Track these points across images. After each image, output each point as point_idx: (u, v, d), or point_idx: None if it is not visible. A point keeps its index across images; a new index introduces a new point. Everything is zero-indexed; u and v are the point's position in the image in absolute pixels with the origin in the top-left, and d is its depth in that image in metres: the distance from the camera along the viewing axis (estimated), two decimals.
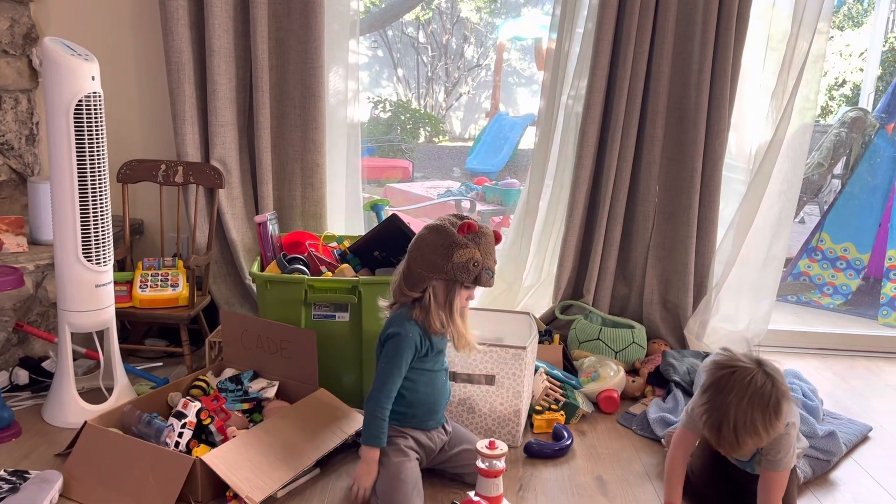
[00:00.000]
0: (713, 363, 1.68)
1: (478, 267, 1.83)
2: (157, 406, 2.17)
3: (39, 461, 2.03)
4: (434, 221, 1.89)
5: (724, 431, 1.60)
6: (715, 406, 1.62)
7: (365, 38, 8.55)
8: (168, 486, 1.79)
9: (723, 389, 1.62)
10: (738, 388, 1.60)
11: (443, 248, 1.82)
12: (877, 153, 3.84)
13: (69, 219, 2.14)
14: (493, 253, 1.88)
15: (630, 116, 2.81)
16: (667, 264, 2.96)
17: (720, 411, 1.60)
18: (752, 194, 2.86)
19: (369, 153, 7.24)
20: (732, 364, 1.64)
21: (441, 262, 1.82)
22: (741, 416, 1.58)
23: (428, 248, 1.85)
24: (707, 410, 1.63)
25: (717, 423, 1.61)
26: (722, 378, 1.63)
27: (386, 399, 1.85)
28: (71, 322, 2.23)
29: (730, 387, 1.61)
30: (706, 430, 1.65)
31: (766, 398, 1.58)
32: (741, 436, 1.59)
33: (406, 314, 1.89)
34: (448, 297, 1.87)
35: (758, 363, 1.64)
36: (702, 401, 1.66)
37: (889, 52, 4.72)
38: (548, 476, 2.10)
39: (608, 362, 2.62)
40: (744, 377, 1.61)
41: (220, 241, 2.88)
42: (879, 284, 3.76)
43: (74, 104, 2.07)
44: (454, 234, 1.82)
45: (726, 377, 1.63)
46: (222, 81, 2.74)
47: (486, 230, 1.88)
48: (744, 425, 1.58)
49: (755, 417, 1.58)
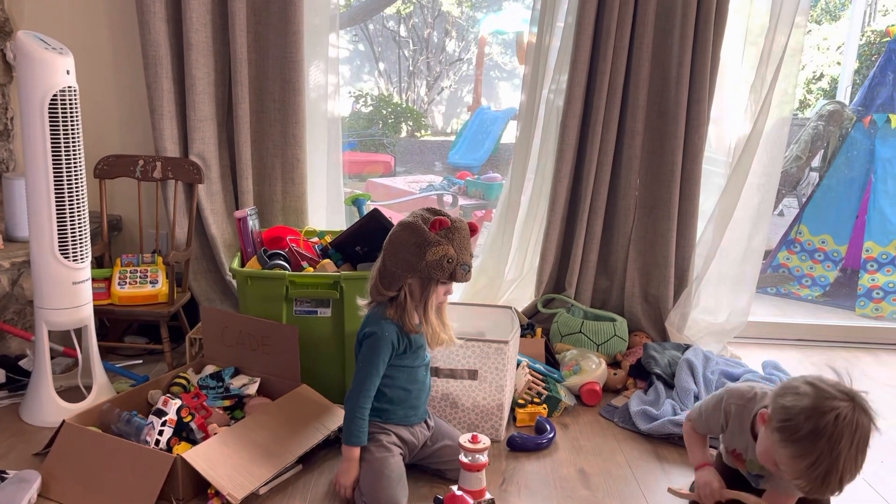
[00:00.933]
0: (812, 410, 1.46)
1: (452, 263, 1.82)
2: (137, 404, 2.15)
3: (17, 461, 2.00)
4: (406, 218, 1.87)
5: (831, 482, 1.44)
6: (823, 457, 1.43)
7: (345, 32, 8.50)
8: (148, 485, 1.77)
9: (830, 439, 1.43)
10: (847, 436, 1.43)
11: (416, 247, 1.80)
12: (854, 146, 3.88)
13: (45, 215, 2.11)
14: (469, 247, 1.87)
15: (610, 110, 2.82)
16: (648, 257, 2.97)
17: (830, 463, 1.43)
18: (731, 187, 2.88)
19: (350, 148, 7.20)
20: (832, 406, 1.45)
21: (415, 261, 1.81)
22: (849, 464, 1.44)
23: (401, 246, 1.83)
24: (813, 462, 1.44)
25: (825, 473, 1.44)
26: (828, 426, 1.43)
27: (365, 398, 1.85)
28: (48, 320, 2.20)
29: (838, 435, 1.43)
30: (802, 478, 1.47)
31: (865, 440, 1.45)
32: (845, 482, 1.45)
33: (382, 313, 1.88)
34: (424, 295, 1.86)
35: (849, 397, 1.47)
36: (804, 450, 1.45)
37: (866, 45, 4.77)
38: (531, 469, 2.11)
39: (590, 355, 2.63)
40: (849, 421, 1.44)
41: (199, 237, 2.85)
42: (856, 276, 3.81)
43: (49, 99, 2.04)
44: (426, 232, 1.80)
45: (832, 424, 1.43)
46: (200, 76, 2.71)
47: (460, 224, 1.86)
48: (850, 472, 1.45)
49: (859, 461, 1.45)
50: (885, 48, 3.86)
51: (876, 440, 1.38)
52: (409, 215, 1.88)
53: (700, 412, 1.79)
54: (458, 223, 1.85)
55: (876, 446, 2.31)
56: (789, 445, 1.48)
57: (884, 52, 3.86)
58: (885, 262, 3.70)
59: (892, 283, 3.66)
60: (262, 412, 2.07)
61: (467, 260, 1.85)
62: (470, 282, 3.04)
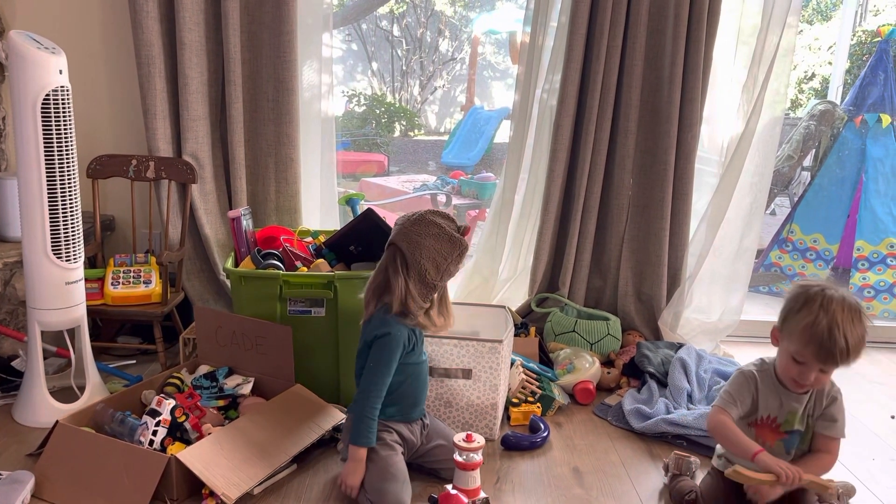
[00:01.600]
0: (800, 287, 1.71)
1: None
2: (131, 404, 2.14)
3: (10, 462, 1.99)
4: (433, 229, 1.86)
5: (837, 337, 1.61)
6: (821, 315, 1.63)
7: (339, 32, 8.50)
8: (142, 485, 1.77)
9: (822, 302, 1.64)
10: (836, 300, 1.64)
11: (458, 257, 1.88)
12: (845, 145, 3.90)
13: (38, 215, 2.11)
14: None
15: (604, 110, 2.83)
16: (641, 256, 2.98)
17: (829, 318, 1.62)
18: (724, 186, 2.90)
19: (344, 147, 7.20)
20: (820, 284, 1.69)
21: (453, 269, 1.90)
22: (847, 324, 1.62)
23: (441, 257, 1.86)
24: (813, 322, 1.63)
25: (828, 329, 1.62)
26: (817, 294, 1.66)
27: (376, 399, 1.85)
28: (41, 320, 2.19)
29: (828, 300, 1.64)
30: (811, 344, 1.65)
31: (859, 311, 1.65)
32: (850, 342, 1.62)
33: (386, 313, 1.88)
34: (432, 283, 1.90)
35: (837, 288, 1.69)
36: (803, 316, 1.66)
37: (857, 45, 4.79)
38: (525, 468, 2.11)
39: (584, 354, 2.64)
40: (835, 293, 1.66)
41: (193, 237, 2.85)
42: (848, 275, 3.83)
43: (42, 98, 2.03)
44: (463, 242, 1.88)
45: (820, 293, 1.66)
46: (194, 75, 2.70)
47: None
48: (851, 332, 1.61)
49: (857, 326, 1.63)
50: (876, 48, 3.88)
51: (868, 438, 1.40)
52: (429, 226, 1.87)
53: (730, 394, 1.80)
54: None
55: (869, 444, 2.34)
56: (792, 322, 1.68)
57: (875, 52, 3.88)
58: (876, 261, 3.72)
59: (883, 282, 3.68)
60: (255, 412, 2.07)
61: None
62: (465, 281, 3.07)
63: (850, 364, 1.67)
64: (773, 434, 1.78)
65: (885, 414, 2.59)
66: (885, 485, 2.11)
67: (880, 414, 2.59)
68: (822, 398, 1.77)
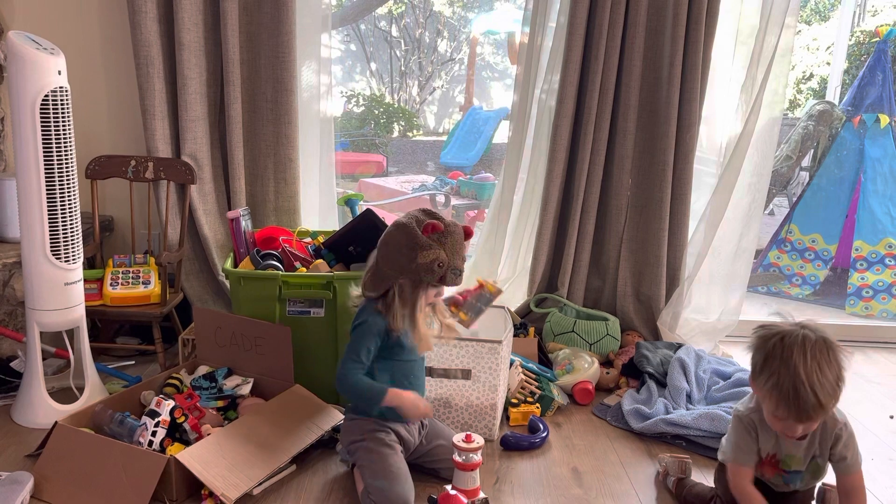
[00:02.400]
0: (759, 339, 1.62)
1: (443, 267, 1.79)
2: (130, 405, 2.14)
3: (9, 462, 1.99)
4: (401, 218, 1.86)
5: (803, 394, 1.51)
6: (783, 373, 1.54)
7: (337, 32, 8.49)
8: (142, 486, 1.77)
9: (782, 356, 1.55)
10: (797, 349, 1.54)
11: (407, 249, 1.79)
12: (843, 146, 3.91)
13: (36, 216, 2.11)
14: (462, 251, 1.85)
15: (602, 110, 2.83)
16: (639, 257, 2.99)
17: (791, 376, 1.53)
18: (722, 187, 2.90)
19: (343, 148, 7.20)
20: (775, 331, 1.60)
21: (405, 263, 1.79)
22: (812, 374, 1.52)
23: (394, 246, 1.82)
24: (777, 383, 1.55)
25: (793, 388, 1.52)
26: (776, 347, 1.57)
27: (353, 374, 1.83)
28: (40, 321, 2.19)
29: (787, 351, 1.55)
30: (782, 406, 1.55)
31: (827, 351, 1.55)
32: (821, 395, 1.51)
33: (372, 306, 1.88)
34: (413, 297, 1.85)
35: (800, 325, 1.60)
36: (765, 377, 1.58)
37: (855, 46, 4.80)
38: (524, 468, 2.12)
39: (583, 354, 2.64)
40: (795, 338, 1.56)
41: (192, 238, 2.85)
42: (846, 274, 3.83)
43: (40, 99, 2.03)
44: (418, 235, 1.79)
45: (778, 344, 1.57)
46: (192, 76, 2.70)
47: (453, 228, 1.84)
48: (819, 383, 1.51)
49: (827, 372, 1.53)
50: (875, 48, 3.89)
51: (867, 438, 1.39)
52: (403, 216, 1.87)
53: (738, 446, 1.71)
54: (452, 227, 1.84)
55: (867, 444, 2.34)
56: (758, 381, 1.60)
57: (873, 53, 3.89)
58: (874, 261, 3.73)
59: (881, 282, 3.69)
60: (255, 412, 2.07)
61: (459, 264, 1.83)
62: (463, 281, 3.07)
63: (830, 410, 1.58)
64: (772, 469, 1.73)
65: (884, 414, 2.59)
66: (884, 484, 2.11)
67: (878, 414, 2.59)
68: (827, 438, 1.67)
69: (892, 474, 2.17)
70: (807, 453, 1.68)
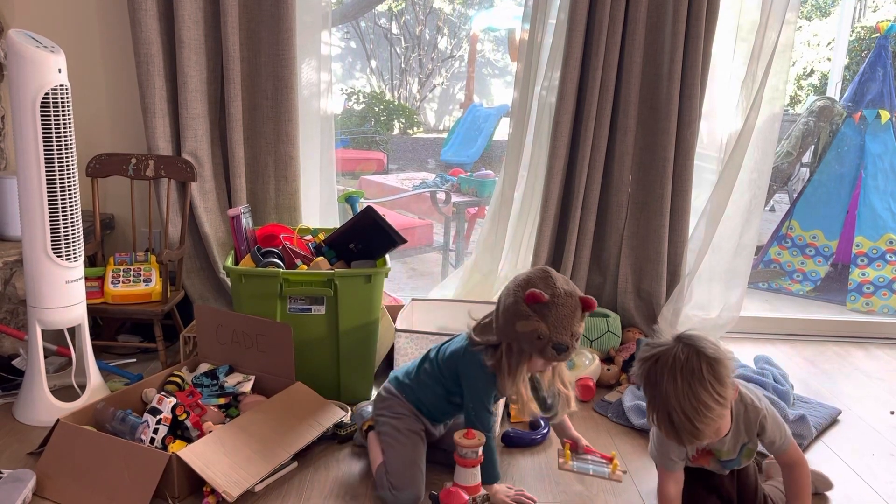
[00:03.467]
0: (639, 363, 1.60)
1: (543, 340, 1.69)
2: (132, 403, 2.15)
3: (12, 460, 2.00)
4: (521, 275, 1.79)
5: (678, 421, 1.50)
6: (656, 401, 1.54)
7: (337, 30, 8.48)
8: (143, 483, 1.77)
9: (655, 382, 1.53)
10: (667, 373, 1.51)
11: (510, 314, 1.73)
12: (844, 142, 3.91)
13: (37, 214, 2.11)
14: (571, 325, 1.71)
15: (603, 107, 2.83)
16: (640, 253, 2.99)
17: (663, 403, 1.52)
18: (723, 183, 2.90)
19: (343, 145, 7.20)
20: (652, 353, 1.57)
21: (508, 328, 1.74)
22: (684, 399, 1.49)
23: (503, 307, 1.77)
24: (655, 413, 1.55)
25: (667, 416, 1.52)
26: (650, 372, 1.55)
27: (490, 419, 1.87)
28: (41, 319, 2.20)
29: (658, 376, 1.53)
30: (663, 430, 1.57)
31: (697, 369, 1.50)
32: (695, 419, 1.49)
33: (481, 359, 1.83)
34: (517, 362, 1.77)
35: (676, 339, 1.57)
36: (648, 408, 1.59)
37: (856, 41, 4.80)
38: (525, 465, 2.12)
39: (583, 351, 2.65)
40: (666, 359, 1.53)
41: (193, 236, 2.85)
42: (847, 271, 3.83)
43: (41, 97, 2.03)
44: (520, 301, 1.70)
45: (651, 369, 1.55)
46: (193, 73, 2.70)
47: (563, 300, 1.70)
48: (692, 407, 1.49)
49: (699, 393, 1.49)
50: (875, 44, 3.88)
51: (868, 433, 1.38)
52: (524, 273, 1.79)
53: (658, 450, 1.73)
54: (562, 298, 1.70)
55: (868, 440, 2.34)
56: (653, 427, 1.61)
57: (873, 48, 3.88)
58: (875, 257, 3.73)
59: (882, 278, 3.68)
60: (256, 410, 2.07)
61: (564, 339, 1.70)
62: (465, 279, 3.07)
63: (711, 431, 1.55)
64: (708, 458, 1.74)
65: (885, 409, 2.59)
66: (884, 480, 2.11)
67: (879, 409, 2.59)
68: (751, 428, 1.67)
69: (892, 470, 2.17)
70: (734, 445, 1.70)
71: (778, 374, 2.61)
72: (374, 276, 2.36)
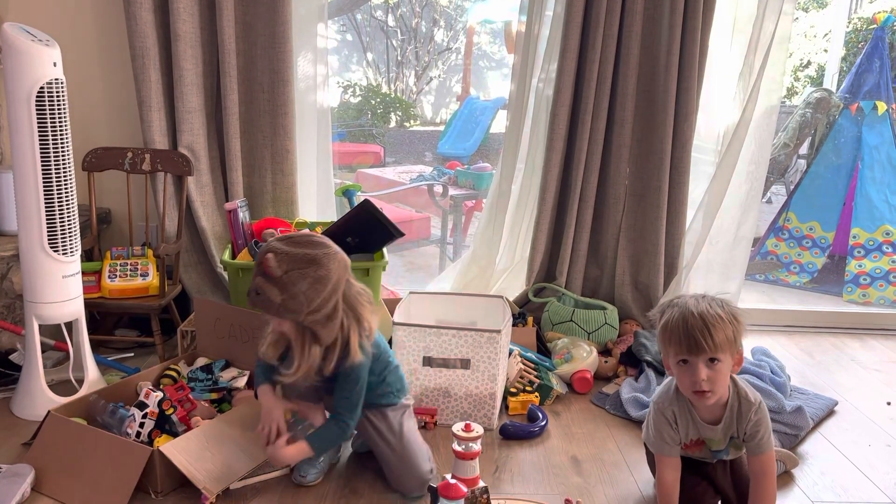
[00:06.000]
0: (660, 307, 1.73)
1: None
2: (126, 396, 2.14)
3: (9, 455, 2.00)
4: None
5: (691, 321, 1.59)
6: (674, 312, 1.64)
7: (333, 22, 8.44)
8: (125, 477, 1.76)
9: (672, 303, 1.67)
10: (690, 298, 1.65)
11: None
12: (841, 133, 3.91)
13: (34, 208, 2.10)
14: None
15: (600, 99, 2.82)
16: (638, 246, 2.99)
17: (680, 311, 1.62)
18: (720, 175, 2.90)
19: (340, 138, 7.18)
20: (671, 301, 1.70)
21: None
22: (701, 303, 1.62)
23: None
24: (667, 321, 1.64)
25: (682, 319, 1.61)
26: (671, 303, 1.68)
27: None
28: (38, 314, 2.19)
29: (679, 300, 1.67)
30: (673, 340, 1.63)
31: (721, 303, 1.65)
32: (707, 319, 1.59)
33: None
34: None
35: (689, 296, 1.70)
36: (659, 324, 1.68)
37: (852, 33, 4.79)
38: (523, 457, 2.12)
39: (581, 343, 2.65)
40: (686, 296, 1.68)
41: (189, 230, 2.84)
42: (844, 262, 3.84)
43: (36, 91, 2.02)
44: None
45: (672, 301, 1.69)
46: (188, 67, 2.69)
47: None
48: (706, 311, 1.60)
49: (714, 307, 1.62)
50: (872, 35, 3.88)
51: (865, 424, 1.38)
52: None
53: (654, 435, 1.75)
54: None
55: (865, 431, 2.35)
56: (660, 335, 1.68)
57: (870, 40, 3.88)
58: (871, 249, 3.74)
59: (878, 269, 3.69)
60: (246, 404, 2.07)
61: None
62: (462, 272, 3.08)
63: (730, 340, 1.61)
64: (698, 447, 1.77)
65: (881, 400, 2.60)
66: (882, 470, 2.12)
67: (876, 400, 2.60)
68: (742, 419, 1.70)
69: (889, 461, 2.18)
70: (725, 435, 1.73)
71: (775, 365, 2.62)
72: (371, 269, 2.36)
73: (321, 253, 1.69)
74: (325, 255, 1.69)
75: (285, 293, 1.66)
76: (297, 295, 1.66)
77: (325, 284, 1.68)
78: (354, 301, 1.76)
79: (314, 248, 1.69)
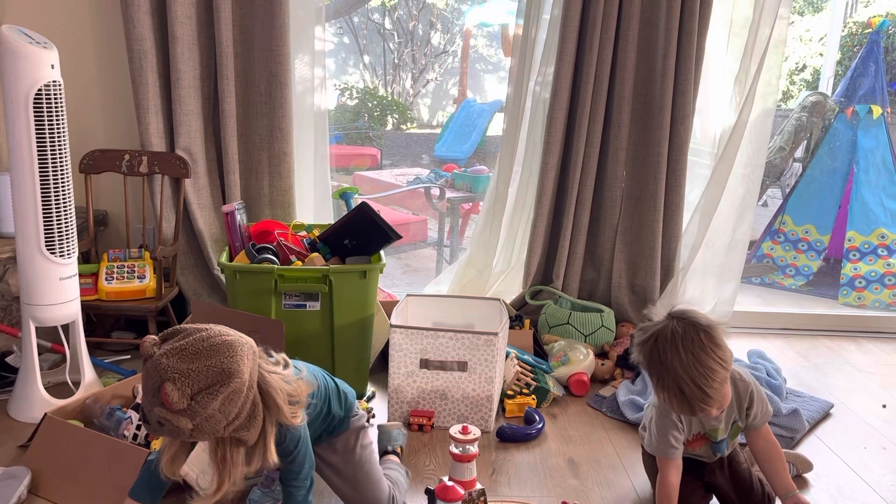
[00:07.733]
0: (637, 347, 1.67)
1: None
2: (123, 398, 2.14)
3: (5, 457, 1.99)
4: None
5: (688, 391, 1.56)
6: (665, 378, 1.59)
7: (330, 25, 8.46)
8: (122, 479, 1.75)
9: (660, 360, 1.59)
10: (669, 349, 1.58)
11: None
12: (836, 137, 3.92)
13: (31, 211, 2.10)
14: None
15: (597, 102, 2.83)
16: (634, 248, 3.00)
17: (672, 378, 1.57)
18: (716, 178, 2.91)
19: (337, 141, 7.18)
20: (649, 333, 1.64)
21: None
22: (692, 368, 1.55)
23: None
24: (664, 388, 1.60)
25: (678, 389, 1.57)
26: (652, 352, 1.62)
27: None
28: (35, 316, 2.19)
29: (662, 353, 1.59)
30: (675, 405, 1.61)
31: (696, 339, 1.57)
32: (705, 386, 1.55)
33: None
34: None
35: (668, 316, 1.65)
36: (655, 386, 1.64)
37: (848, 37, 4.81)
38: (520, 459, 2.13)
39: (578, 346, 2.65)
40: (665, 336, 1.59)
41: (187, 232, 2.84)
42: (839, 265, 3.85)
43: (34, 93, 2.02)
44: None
45: (653, 348, 1.61)
46: (186, 69, 2.69)
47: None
48: (700, 374, 1.55)
49: (704, 360, 1.56)
50: (867, 39, 3.90)
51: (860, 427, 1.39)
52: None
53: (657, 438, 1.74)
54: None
55: (860, 433, 2.36)
56: (654, 390, 1.65)
57: (866, 44, 3.90)
58: (867, 252, 3.75)
59: (874, 273, 3.70)
60: None
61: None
62: (459, 274, 3.08)
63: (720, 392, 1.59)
64: (701, 442, 1.80)
65: (877, 403, 2.61)
66: (877, 473, 2.13)
67: (871, 403, 2.61)
68: (742, 402, 1.73)
69: (885, 463, 2.19)
70: (727, 421, 1.76)
71: (771, 368, 2.63)
72: (368, 271, 2.36)
73: (226, 359, 1.35)
74: (232, 357, 1.36)
75: (197, 418, 1.32)
76: (211, 416, 1.33)
77: (240, 392, 1.35)
78: (267, 386, 1.43)
79: (216, 354, 1.35)
